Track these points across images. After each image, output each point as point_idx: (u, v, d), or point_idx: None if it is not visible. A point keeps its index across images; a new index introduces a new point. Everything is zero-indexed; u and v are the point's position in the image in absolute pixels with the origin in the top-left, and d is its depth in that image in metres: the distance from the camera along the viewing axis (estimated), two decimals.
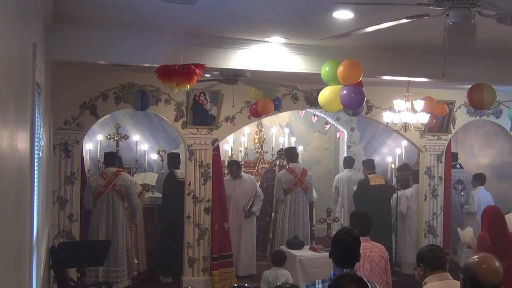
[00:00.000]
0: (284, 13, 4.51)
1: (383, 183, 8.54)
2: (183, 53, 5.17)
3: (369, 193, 8.31)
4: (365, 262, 4.30)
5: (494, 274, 2.56)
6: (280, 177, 8.11)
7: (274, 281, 5.93)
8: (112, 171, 7.21)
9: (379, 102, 8.09)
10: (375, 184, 8.39)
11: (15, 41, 2.02)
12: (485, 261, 2.61)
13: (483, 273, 2.55)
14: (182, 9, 4.34)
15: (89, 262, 5.79)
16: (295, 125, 10.92)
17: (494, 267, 2.58)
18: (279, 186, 8.05)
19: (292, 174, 8.08)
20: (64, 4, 4.38)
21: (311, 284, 3.20)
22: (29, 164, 2.73)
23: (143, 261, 7.84)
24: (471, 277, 2.58)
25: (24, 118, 2.44)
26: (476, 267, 2.59)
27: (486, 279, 2.54)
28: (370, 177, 8.48)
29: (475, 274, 2.56)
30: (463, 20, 3.40)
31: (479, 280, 2.55)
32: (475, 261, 2.63)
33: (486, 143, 10.20)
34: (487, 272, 2.56)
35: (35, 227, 3.25)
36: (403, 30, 4.03)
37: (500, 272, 2.58)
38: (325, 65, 5.28)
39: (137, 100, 6.67)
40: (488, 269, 2.57)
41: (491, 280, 2.55)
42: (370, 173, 8.56)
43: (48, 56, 4.83)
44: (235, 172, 8.09)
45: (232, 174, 8.09)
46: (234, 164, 8.27)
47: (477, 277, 2.56)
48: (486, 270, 2.56)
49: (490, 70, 6.32)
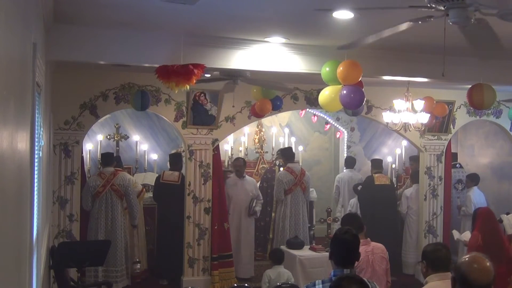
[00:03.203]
0: (284, 13, 4.51)
1: (388, 183, 8.54)
2: (183, 53, 5.18)
3: (373, 192, 8.33)
4: (368, 265, 4.30)
5: (485, 274, 2.54)
6: (281, 178, 8.11)
7: (276, 279, 5.94)
8: (110, 171, 7.21)
9: (379, 102, 8.09)
10: (379, 183, 8.40)
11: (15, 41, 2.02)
12: (475, 261, 2.59)
13: (473, 273, 2.53)
14: (182, 9, 4.34)
15: (89, 262, 5.80)
16: (295, 125, 10.92)
17: (485, 267, 2.56)
18: (280, 187, 8.04)
19: (292, 175, 8.08)
20: (64, 4, 4.38)
21: (311, 284, 3.20)
22: (29, 164, 2.73)
23: (143, 261, 7.84)
24: (461, 276, 2.56)
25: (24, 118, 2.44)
26: (466, 267, 2.57)
27: (476, 279, 2.52)
28: (375, 176, 8.49)
29: (465, 274, 2.54)
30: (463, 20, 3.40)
31: (468, 280, 2.53)
32: (465, 260, 2.61)
33: (486, 143, 10.20)
34: (477, 272, 2.53)
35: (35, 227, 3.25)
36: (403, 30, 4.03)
37: (490, 272, 2.55)
38: (326, 65, 5.29)
39: (137, 100, 6.67)
40: (478, 269, 2.55)
41: (481, 280, 2.52)
42: (376, 172, 8.58)
43: (48, 56, 4.83)
44: (241, 168, 8.01)
45: (238, 171, 8.00)
46: (237, 159, 8.24)
47: (467, 276, 2.53)
48: (476, 270, 2.54)
49: (490, 70, 6.31)
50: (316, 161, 11.14)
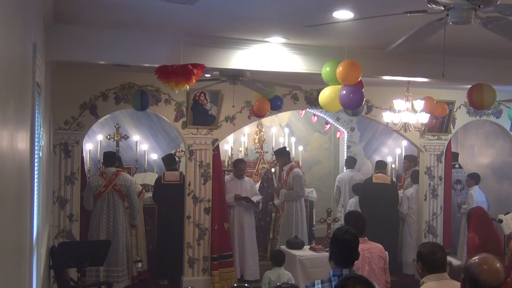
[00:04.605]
0: (284, 13, 4.51)
1: (388, 182, 8.54)
2: (183, 53, 5.18)
3: (371, 190, 8.34)
4: (364, 263, 4.30)
5: (495, 275, 2.52)
6: (301, 175, 8.18)
7: (276, 280, 5.93)
8: (112, 171, 7.21)
9: (379, 102, 8.09)
10: (377, 182, 8.40)
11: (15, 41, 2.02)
12: (486, 262, 2.56)
13: (483, 274, 2.51)
14: (182, 9, 4.34)
15: (89, 262, 5.79)
16: (295, 125, 10.92)
17: (495, 268, 2.54)
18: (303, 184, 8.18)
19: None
20: (64, 4, 4.38)
21: (310, 284, 3.21)
22: (29, 164, 2.73)
23: (143, 261, 7.83)
24: (471, 277, 2.54)
25: (24, 118, 2.43)
26: (476, 268, 2.55)
27: (486, 280, 2.50)
28: (375, 175, 8.51)
29: (475, 275, 2.53)
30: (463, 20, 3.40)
31: (478, 281, 2.51)
32: (475, 261, 2.58)
33: (486, 143, 10.20)
34: (487, 273, 2.51)
35: (35, 227, 3.25)
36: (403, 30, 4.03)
37: (501, 273, 2.53)
38: (326, 65, 5.29)
39: (137, 100, 6.67)
40: (488, 270, 2.52)
41: (491, 281, 2.50)
42: (377, 172, 8.60)
43: (48, 56, 4.82)
44: (242, 170, 8.03)
45: (239, 173, 8.00)
46: (242, 162, 8.26)
47: (476, 277, 2.52)
48: (486, 271, 2.52)
49: (490, 70, 6.32)
50: (316, 161, 11.15)
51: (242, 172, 8.05)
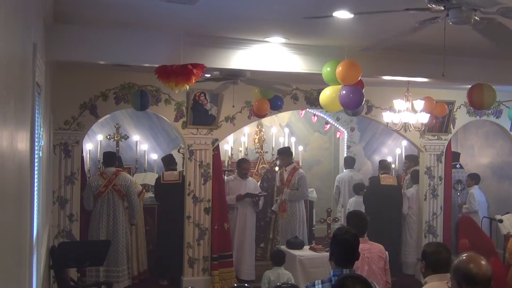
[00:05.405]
0: (284, 13, 4.51)
1: (395, 183, 8.55)
2: (183, 53, 5.17)
3: (379, 192, 8.35)
4: (364, 263, 4.30)
5: (485, 267, 2.65)
6: (306, 176, 8.21)
7: (276, 280, 5.94)
8: (112, 171, 7.21)
9: (379, 102, 8.09)
10: (385, 184, 8.41)
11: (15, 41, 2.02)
12: (472, 258, 2.70)
13: (475, 267, 2.63)
14: (182, 9, 4.34)
15: (89, 262, 5.79)
16: (295, 125, 10.92)
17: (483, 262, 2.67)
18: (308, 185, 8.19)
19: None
20: (64, 4, 4.38)
21: (310, 284, 3.21)
22: (29, 164, 2.73)
23: (143, 261, 7.84)
24: (464, 274, 2.64)
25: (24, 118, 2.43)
26: (466, 264, 2.66)
27: (478, 273, 2.61)
28: (382, 177, 8.52)
29: (467, 270, 2.63)
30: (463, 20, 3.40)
31: (472, 275, 2.61)
32: (463, 259, 2.70)
33: (486, 143, 10.20)
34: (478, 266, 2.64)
35: (35, 227, 3.25)
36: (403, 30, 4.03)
37: (488, 267, 2.66)
38: (326, 65, 5.29)
39: (137, 100, 6.67)
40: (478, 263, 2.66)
41: (484, 272, 2.62)
42: (383, 173, 8.61)
43: (48, 56, 4.82)
44: (246, 169, 8.03)
45: (242, 172, 7.99)
46: (245, 162, 8.25)
47: (469, 272, 2.62)
48: (477, 264, 2.65)
49: (490, 70, 6.31)
50: (316, 161, 11.15)
51: (246, 172, 8.05)
